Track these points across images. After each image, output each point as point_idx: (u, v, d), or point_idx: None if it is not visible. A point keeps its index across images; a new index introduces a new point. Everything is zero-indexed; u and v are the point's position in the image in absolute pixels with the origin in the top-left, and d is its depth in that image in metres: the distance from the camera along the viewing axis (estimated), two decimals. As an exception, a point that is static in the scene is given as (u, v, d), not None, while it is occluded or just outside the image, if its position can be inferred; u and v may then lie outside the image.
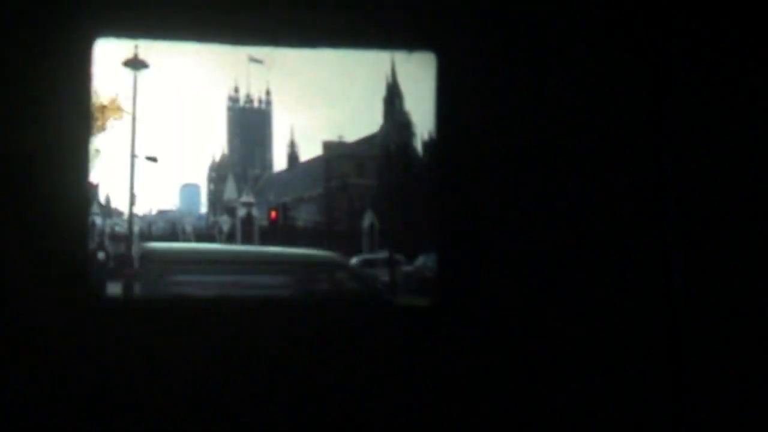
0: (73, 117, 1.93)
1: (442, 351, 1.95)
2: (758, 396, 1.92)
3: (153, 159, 24.90)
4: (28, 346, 1.86)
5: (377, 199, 28.42)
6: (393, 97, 28.94)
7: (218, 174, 55.16)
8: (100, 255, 24.87)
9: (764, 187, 1.97)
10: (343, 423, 1.93)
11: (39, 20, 1.89)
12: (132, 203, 21.48)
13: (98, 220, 34.12)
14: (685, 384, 1.95)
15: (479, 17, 2.01)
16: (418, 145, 24.97)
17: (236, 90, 60.51)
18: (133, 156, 21.15)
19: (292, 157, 49.21)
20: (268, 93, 60.60)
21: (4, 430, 1.85)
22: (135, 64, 24.70)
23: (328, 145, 39.71)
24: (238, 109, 63.20)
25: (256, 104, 62.72)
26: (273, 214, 28.20)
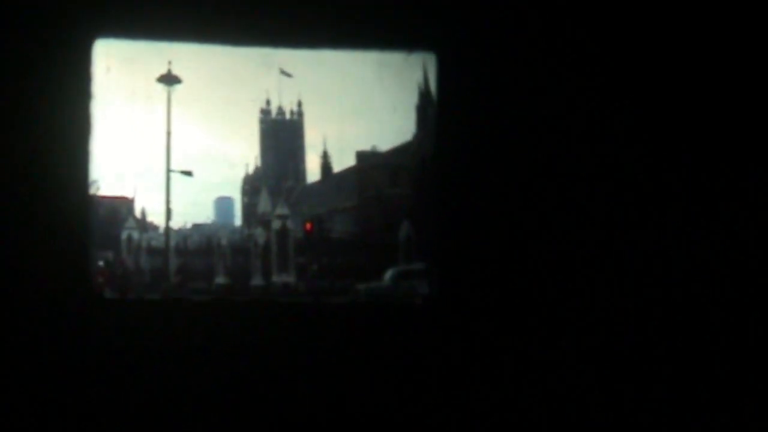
0: (73, 116, 1.94)
1: (441, 349, 1.96)
2: (758, 396, 1.92)
3: (188, 173, 25.16)
4: (28, 345, 1.87)
5: (413, 209, 28.39)
6: (426, 105, 28.95)
7: (252, 187, 55.95)
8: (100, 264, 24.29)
9: (764, 186, 1.95)
10: (344, 420, 1.93)
11: (39, 20, 1.91)
12: (168, 217, 21.68)
13: (135, 235, 34.80)
14: (683, 382, 1.94)
15: (479, 18, 2.01)
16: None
17: (268, 103, 61.59)
18: (168, 170, 21.39)
19: (326, 168, 49.70)
20: (299, 105, 61.64)
21: (6, 427, 1.86)
22: (168, 79, 25.09)
23: (361, 156, 39.96)
24: (269, 121, 64.36)
25: (287, 116, 63.80)
26: (308, 226, 28.32)
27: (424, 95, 30.69)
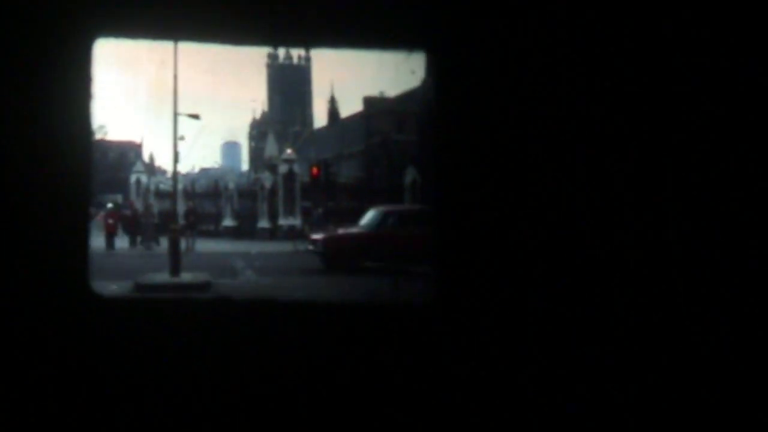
0: (73, 116, 1.92)
1: (441, 349, 1.95)
2: (758, 395, 1.90)
3: (195, 116, 25.11)
4: (26, 345, 1.87)
5: (419, 154, 28.28)
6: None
7: (259, 131, 55.48)
8: (109, 206, 23.29)
9: (763, 186, 1.93)
10: (344, 420, 1.94)
11: (39, 20, 1.91)
12: (176, 161, 21.68)
13: (143, 178, 34.67)
14: (682, 382, 1.93)
15: (476, 18, 1.99)
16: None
17: (275, 47, 60.59)
18: (175, 114, 21.33)
19: (333, 113, 49.20)
20: (307, 50, 60.58)
21: (5, 427, 1.87)
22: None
23: (368, 101, 39.51)
24: (277, 66, 63.44)
25: (295, 61, 62.82)
26: (314, 170, 28.30)
27: (432, 40, 29.96)
